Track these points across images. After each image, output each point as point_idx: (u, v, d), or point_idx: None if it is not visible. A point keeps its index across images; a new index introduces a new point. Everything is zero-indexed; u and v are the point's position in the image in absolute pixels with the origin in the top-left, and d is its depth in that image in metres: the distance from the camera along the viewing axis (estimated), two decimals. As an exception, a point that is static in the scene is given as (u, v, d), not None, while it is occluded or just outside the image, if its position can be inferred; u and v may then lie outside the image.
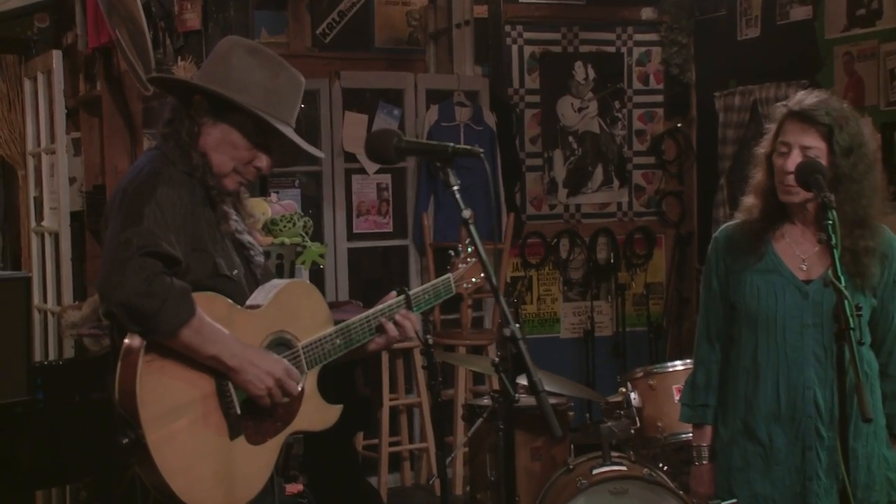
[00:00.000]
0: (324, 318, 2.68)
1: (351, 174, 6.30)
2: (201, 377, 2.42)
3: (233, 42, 2.66)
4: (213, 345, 2.39)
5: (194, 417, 2.40)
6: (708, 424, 3.14)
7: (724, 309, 3.09)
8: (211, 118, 2.58)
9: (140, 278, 2.28)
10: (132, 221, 2.35)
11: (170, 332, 2.33)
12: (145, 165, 2.50)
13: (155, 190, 2.41)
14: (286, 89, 2.63)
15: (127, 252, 2.30)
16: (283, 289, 2.61)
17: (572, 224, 6.99)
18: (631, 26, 7.04)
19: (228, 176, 2.60)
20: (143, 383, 2.33)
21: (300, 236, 4.26)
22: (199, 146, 2.57)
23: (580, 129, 6.97)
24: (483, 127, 6.47)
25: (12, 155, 6.02)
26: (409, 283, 6.44)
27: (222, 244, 2.59)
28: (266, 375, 2.45)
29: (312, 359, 2.61)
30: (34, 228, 5.82)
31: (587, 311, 6.95)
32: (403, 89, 6.40)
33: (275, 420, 2.54)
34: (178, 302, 2.33)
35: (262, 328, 2.54)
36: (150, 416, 2.32)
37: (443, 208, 6.37)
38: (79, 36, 5.39)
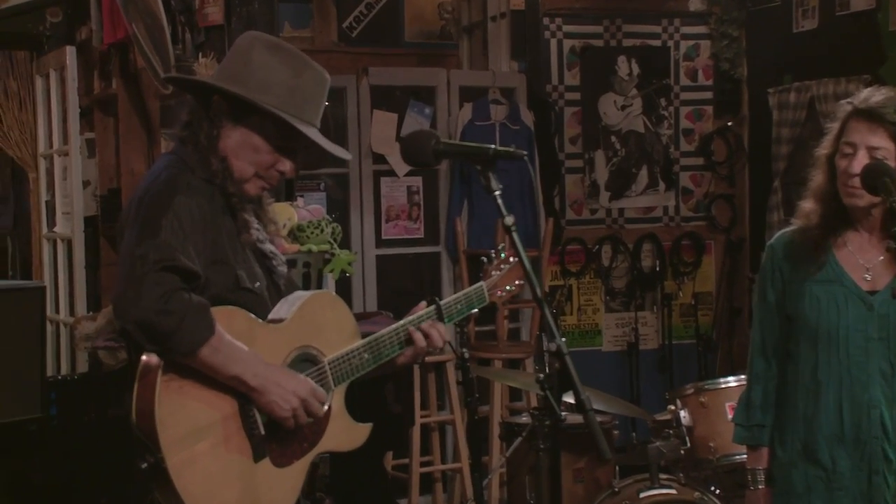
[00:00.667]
0: (350, 332, 2.69)
1: (379, 176, 6.31)
2: (223, 397, 2.44)
3: (253, 38, 2.66)
4: (235, 364, 2.40)
5: (216, 440, 2.41)
6: (764, 446, 3.12)
7: (780, 322, 3.07)
8: (231, 120, 2.58)
9: (157, 295, 2.29)
10: (148, 234, 2.36)
11: (189, 351, 2.34)
12: (162, 172, 2.51)
13: (172, 199, 2.42)
14: (310, 88, 2.63)
15: (143, 267, 2.32)
16: (307, 301, 2.62)
17: (615, 230, 6.97)
18: (678, 18, 7.01)
19: (250, 181, 2.60)
20: (162, 404, 2.34)
21: (328, 243, 4.27)
22: (219, 150, 2.57)
23: (623, 128, 6.95)
24: (520, 126, 6.47)
25: (23, 157, 6.08)
26: (440, 292, 6.44)
27: (243, 255, 2.60)
28: (291, 396, 2.46)
29: (339, 375, 2.62)
30: (46, 234, 5.88)
31: (631, 323, 6.92)
32: (435, 86, 6.41)
33: (301, 441, 2.55)
34: (197, 319, 2.34)
35: (285, 343, 2.55)
36: (170, 439, 2.34)
37: (477, 213, 6.37)
38: (93, 31, 5.45)
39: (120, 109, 5.41)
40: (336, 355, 2.62)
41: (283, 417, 2.46)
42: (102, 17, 5.26)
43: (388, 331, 2.70)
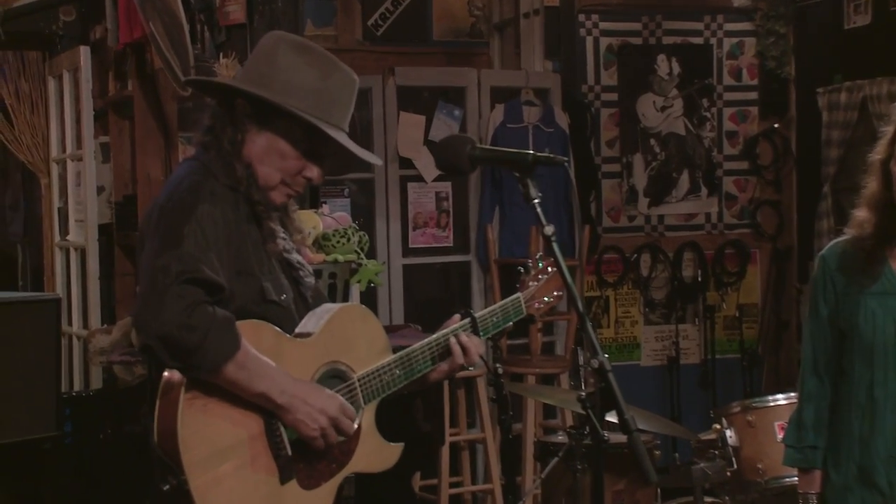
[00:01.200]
0: (381, 346, 2.69)
1: (406, 182, 6.33)
2: (248, 416, 2.44)
3: (278, 38, 2.66)
4: (261, 381, 2.40)
5: (241, 461, 2.42)
6: (817, 469, 3.11)
7: (833, 337, 3.06)
8: (255, 125, 2.59)
9: (179, 309, 2.29)
10: (170, 244, 2.36)
11: (213, 367, 2.34)
12: (184, 178, 2.52)
13: (195, 207, 2.42)
14: (338, 90, 2.63)
15: (165, 280, 2.32)
16: (336, 314, 2.62)
17: (654, 237, 6.96)
18: (721, 14, 7.00)
19: (276, 188, 2.61)
20: (185, 424, 2.35)
21: (355, 253, 4.28)
22: (243, 156, 2.57)
23: (663, 130, 6.94)
24: (554, 129, 6.47)
25: (35, 162, 6.12)
26: (471, 303, 6.45)
27: (269, 266, 2.60)
28: (319, 414, 2.46)
29: (370, 392, 2.62)
30: (58, 243, 5.91)
31: (671, 336, 6.90)
32: (465, 87, 6.42)
33: (329, 461, 2.55)
34: (222, 334, 2.34)
35: (313, 359, 2.56)
36: (193, 460, 2.35)
37: (509, 220, 6.37)
38: (108, 30, 5.48)
39: (136, 112, 5.43)
40: (366, 371, 2.62)
41: (311, 437, 2.47)
42: (118, 16, 5.29)
43: (421, 345, 2.70)
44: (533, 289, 2.95)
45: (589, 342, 2.37)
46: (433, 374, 2.75)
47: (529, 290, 2.94)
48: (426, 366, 2.70)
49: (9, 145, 6.16)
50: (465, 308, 2.84)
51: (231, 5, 4.30)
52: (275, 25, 4.25)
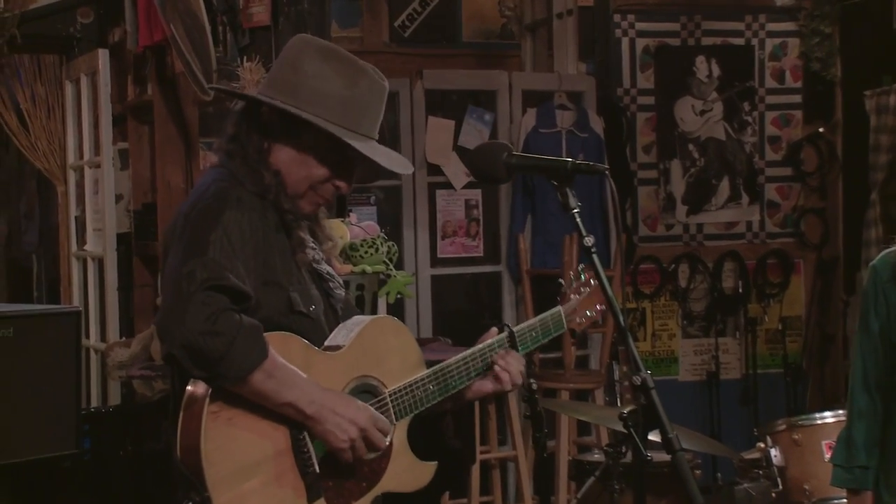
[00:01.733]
0: (414, 361, 2.68)
1: (435, 189, 6.34)
2: (274, 430, 2.44)
3: (303, 44, 2.67)
4: (289, 390, 2.40)
5: (267, 477, 2.42)
6: (868, 490, 3.10)
7: (885, 352, 3.05)
8: (282, 134, 2.60)
9: (204, 316, 2.30)
10: (196, 251, 2.37)
11: (239, 376, 2.34)
12: (210, 185, 2.53)
13: (221, 214, 2.43)
14: (367, 98, 2.64)
15: (190, 286, 2.33)
16: (367, 326, 2.62)
17: (693, 247, 6.94)
18: (763, 14, 6.98)
19: (304, 197, 2.62)
20: (209, 438, 2.35)
21: (384, 263, 4.29)
22: (270, 164, 2.59)
23: (702, 135, 6.92)
24: (588, 134, 6.47)
25: (51, 169, 6.16)
26: (501, 315, 6.45)
27: (298, 276, 2.61)
28: (349, 425, 2.46)
29: (402, 408, 2.61)
30: (75, 253, 5.95)
31: (711, 350, 6.88)
32: (496, 90, 6.42)
33: (359, 480, 2.55)
34: (248, 342, 2.35)
35: (343, 373, 2.56)
36: (217, 476, 2.35)
37: (542, 229, 6.37)
38: (128, 33, 5.52)
39: (156, 117, 5.46)
40: (398, 386, 2.62)
41: (340, 448, 2.46)
42: (138, 18, 5.33)
43: (456, 360, 2.70)
44: (574, 302, 2.94)
45: (631, 357, 2.36)
46: (469, 392, 2.75)
47: (570, 303, 2.93)
48: (462, 382, 2.70)
49: (24, 152, 6.21)
50: (503, 322, 2.83)
51: (255, 6, 4.32)
52: (300, 27, 4.27)
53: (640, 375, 2.36)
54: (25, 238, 8.43)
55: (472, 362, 2.71)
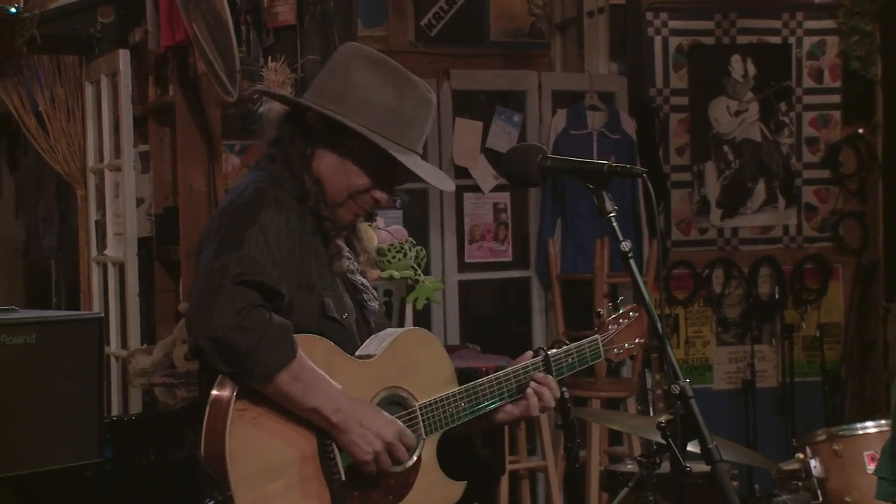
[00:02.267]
0: (446, 376, 2.69)
1: (462, 192, 6.34)
2: (301, 433, 2.45)
3: (354, 52, 2.70)
4: (315, 395, 2.41)
5: (291, 481, 2.43)
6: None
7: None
8: (326, 140, 2.62)
9: (233, 310, 2.32)
10: (230, 246, 2.40)
11: (265, 375, 2.35)
12: (248, 185, 2.56)
13: (259, 212, 2.46)
14: (414, 111, 2.65)
15: (221, 280, 2.35)
16: (399, 337, 2.64)
17: (728, 252, 6.92)
18: (801, 11, 6.96)
19: (343, 206, 2.64)
20: (234, 437, 2.36)
21: (412, 269, 4.30)
22: (312, 171, 2.61)
23: (738, 136, 6.91)
24: (620, 135, 6.46)
25: (71, 172, 6.19)
26: (530, 321, 6.44)
27: (332, 282, 2.63)
28: (374, 437, 2.46)
29: (432, 423, 2.62)
30: (95, 258, 5.98)
31: (746, 358, 6.86)
32: (525, 91, 6.43)
33: (386, 492, 2.55)
34: (277, 341, 2.36)
35: (372, 382, 2.57)
36: (240, 476, 2.36)
37: (572, 233, 6.37)
38: (149, 33, 5.54)
39: (177, 119, 5.47)
40: (429, 400, 2.63)
41: (363, 461, 2.47)
42: (159, 18, 5.35)
43: (489, 379, 2.70)
44: (612, 332, 2.94)
45: (669, 366, 2.36)
46: (501, 414, 2.75)
47: (609, 333, 2.93)
48: (493, 402, 2.70)
49: (43, 154, 6.23)
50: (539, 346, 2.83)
51: (280, 6, 4.33)
52: (326, 27, 4.28)
53: (679, 384, 2.36)
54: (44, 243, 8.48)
55: (505, 383, 2.72)
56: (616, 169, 2.45)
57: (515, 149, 2.62)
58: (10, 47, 5.72)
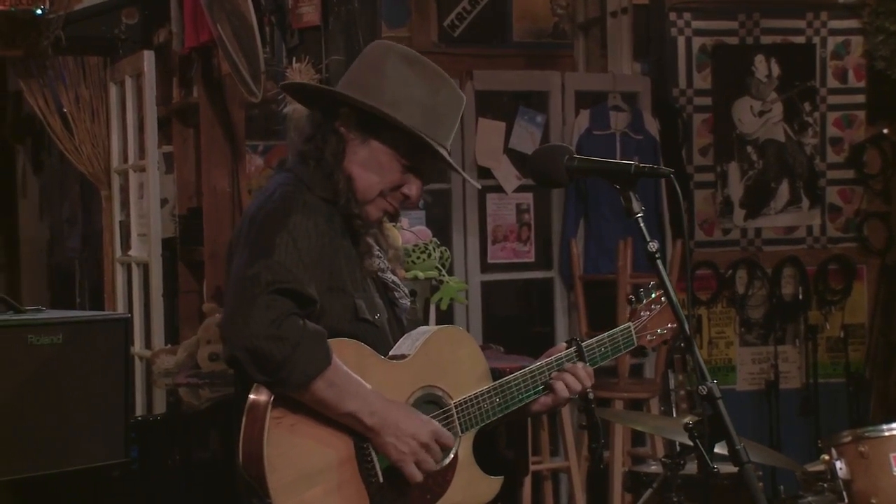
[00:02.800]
0: (480, 373, 2.70)
1: (485, 193, 6.33)
2: (338, 437, 2.46)
3: (386, 48, 2.70)
4: (351, 400, 2.42)
5: (329, 486, 2.43)
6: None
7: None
8: (359, 135, 2.63)
9: (268, 320, 2.33)
10: (261, 254, 2.40)
11: (301, 383, 2.36)
12: (276, 189, 2.56)
13: (288, 217, 2.46)
14: (447, 108, 2.67)
15: (254, 289, 2.35)
16: (433, 336, 2.64)
17: (751, 252, 6.90)
18: (825, 11, 6.92)
19: (373, 202, 2.64)
20: (272, 444, 2.37)
21: (436, 269, 4.30)
22: (344, 167, 2.62)
23: (761, 136, 6.88)
24: (643, 136, 6.44)
25: (95, 173, 6.22)
26: (553, 322, 6.43)
27: (363, 283, 2.63)
28: (410, 439, 2.47)
29: (467, 420, 2.62)
30: (119, 258, 6.00)
31: (770, 359, 6.83)
32: (548, 91, 6.41)
33: (423, 492, 2.56)
34: (312, 348, 2.36)
35: (408, 382, 2.57)
36: (279, 483, 2.36)
37: (595, 233, 6.35)
38: (173, 34, 5.56)
39: (202, 120, 5.50)
40: (464, 398, 2.63)
41: (400, 462, 2.47)
42: (184, 19, 5.37)
43: (522, 373, 2.71)
44: (645, 319, 2.94)
45: (697, 367, 2.35)
46: (535, 405, 2.76)
47: (641, 320, 2.94)
48: (528, 396, 2.71)
49: (68, 155, 6.27)
50: (572, 337, 2.84)
51: (304, 6, 4.33)
52: (351, 27, 4.29)
53: (707, 385, 2.35)
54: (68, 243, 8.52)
55: (539, 376, 2.73)
56: (643, 169, 2.45)
57: (542, 149, 2.62)
58: (35, 48, 5.76)
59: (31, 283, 9.96)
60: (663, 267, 2.46)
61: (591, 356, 2.79)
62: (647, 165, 2.47)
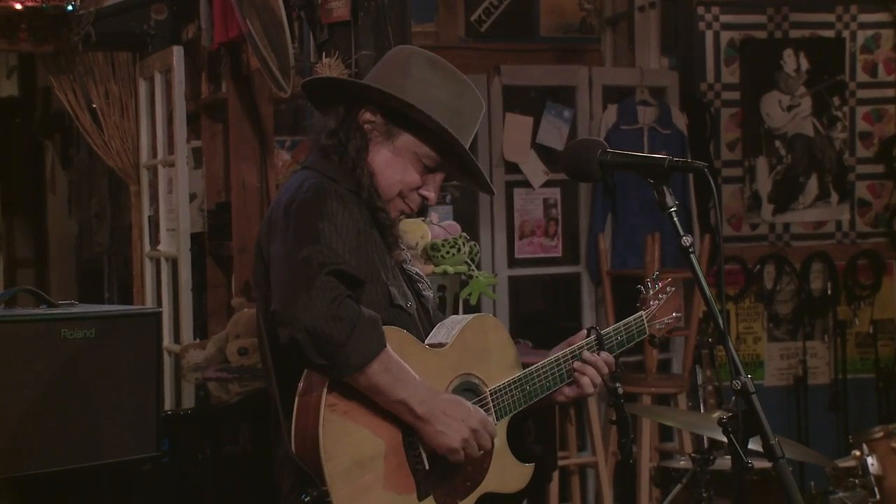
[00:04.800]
0: (512, 360, 2.74)
1: (512, 188, 6.34)
2: (387, 426, 2.48)
3: (411, 51, 2.73)
4: (403, 387, 2.44)
5: (381, 473, 2.46)
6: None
7: None
8: (383, 133, 2.65)
9: (327, 300, 2.34)
10: (308, 239, 2.42)
11: (359, 365, 2.37)
12: (303, 182, 2.57)
13: (324, 205, 2.48)
14: (469, 111, 2.70)
15: (309, 272, 2.37)
16: (470, 324, 2.67)
17: (779, 247, 6.88)
18: (854, 5, 6.90)
19: (392, 201, 2.67)
20: (328, 431, 2.39)
21: (465, 264, 4.30)
22: (366, 165, 2.63)
23: (790, 131, 6.86)
24: (671, 130, 6.43)
25: (124, 168, 6.23)
26: (580, 317, 6.43)
27: (394, 272, 2.67)
28: (461, 426, 2.49)
29: (502, 407, 2.66)
30: (148, 253, 6.02)
31: (798, 354, 6.82)
32: (575, 86, 6.41)
33: (464, 479, 2.59)
34: (368, 331, 2.38)
35: (447, 370, 2.60)
36: (336, 471, 2.39)
37: (622, 228, 6.35)
38: (203, 29, 5.57)
39: (230, 115, 5.51)
40: (498, 385, 2.67)
41: (451, 449, 2.50)
42: (213, 14, 5.38)
43: (549, 361, 2.75)
44: (654, 308, 2.98)
45: (730, 360, 2.35)
46: (559, 396, 2.79)
47: (651, 308, 2.97)
48: (556, 382, 2.75)
49: (98, 150, 6.28)
50: (592, 325, 2.89)
51: (334, 2, 4.33)
52: (380, 22, 4.29)
53: (741, 380, 2.35)
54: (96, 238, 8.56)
55: (565, 363, 2.76)
56: (677, 163, 2.45)
57: (576, 143, 2.62)
58: (65, 44, 5.78)
59: (60, 278, 10.02)
60: (696, 261, 2.45)
61: (609, 344, 2.83)
62: (681, 160, 2.46)
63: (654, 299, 2.98)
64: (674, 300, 3.01)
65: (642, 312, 2.94)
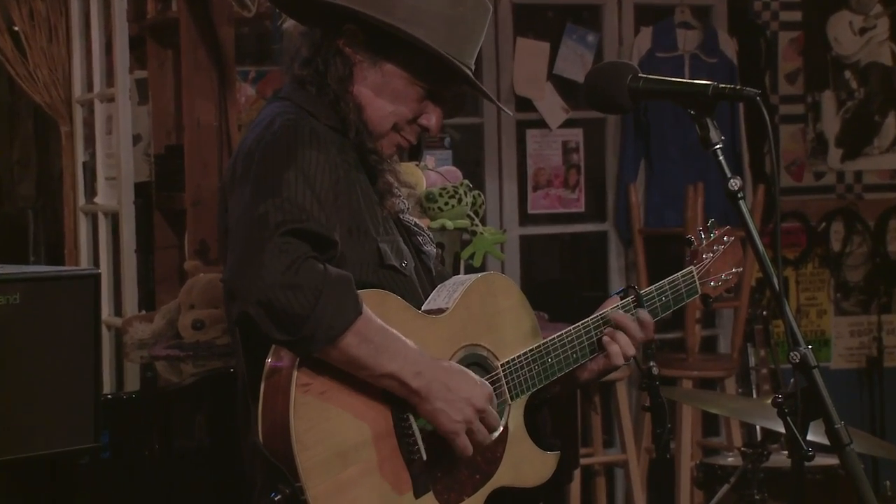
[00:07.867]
0: (529, 327, 2.73)
1: (525, 129, 6.36)
2: (374, 407, 2.46)
3: None
4: (392, 358, 2.42)
5: (366, 465, 2.45)
6: None
7: None
8: (369, 57, 2.64)
9: (283, 266, 2.32)
10: (267, 192, 2.40)
11: (329, 338, 2.35)
12: (275, 118, 2.56)
13: (294, 151, 2.46)
14: (471, 20, 2.67)
15: (262, 232, 2.35)
16: (474, 286, 2.65)
17: (849, 201, 6.92)
18: None
19: (386, 136, 2.66)
20: (300, 416, 2.37)
21: (468, 217, 4.29)
22: (351, 95, 2.63)
23: (863, 59, 6.88)
24: (718, 59, 6.46)
25: (53, 104, 6.20)
26: (607, 284, 6.46)
27: (386, 225, 2.65)
28: (465, 404, 2.47)
29: (518, 385, 2.65)
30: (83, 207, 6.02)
31: (872, 331, 6.88)
32: (601, 5, 6.43)
33: (472, 471, 2.58)
34: (338, 296, 2.35)
35: (448, 341, 2.59)
36: (311, 463, 2.37)
37: (658, 177, 6.38)
38: (147, -65, 5.56)
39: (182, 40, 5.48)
40: (512, 358, 2.66)
41: (452, 432, 2.47)
42: (160, -84, 5.37)
43: (576, 328, 2.73)
44: (707, 262, 2.96)
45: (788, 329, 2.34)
46: (585, 373, 2.78)
47: (703, 263, 2.95)
48: (584, 354, 2.73)
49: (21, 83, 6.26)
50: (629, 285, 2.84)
51: None
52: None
53: (799, 351, 2.35)
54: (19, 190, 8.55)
55: (595, 330, 2.74)
56: (723, 91, 2.45)
57: (601, 66, 2.62)
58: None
59: (-26, 237, 10.01)
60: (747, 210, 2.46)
61: (652, 307, 2.81)
62: (729, 86, 2.46)
63: (708, 251, 2.96)
64: (732, 253, 2.99)
65: (692, 267, 2.93)
